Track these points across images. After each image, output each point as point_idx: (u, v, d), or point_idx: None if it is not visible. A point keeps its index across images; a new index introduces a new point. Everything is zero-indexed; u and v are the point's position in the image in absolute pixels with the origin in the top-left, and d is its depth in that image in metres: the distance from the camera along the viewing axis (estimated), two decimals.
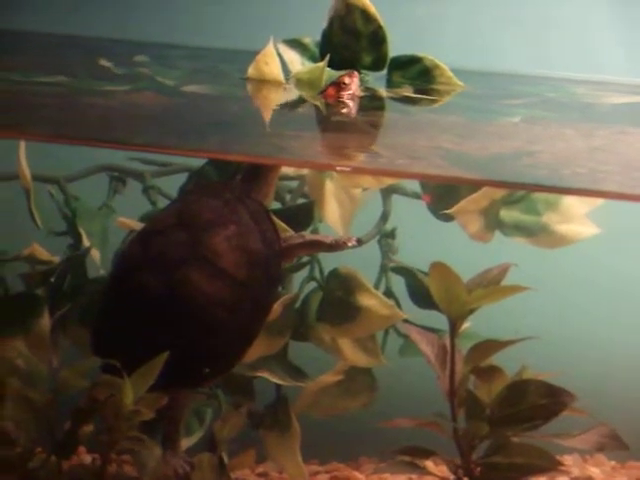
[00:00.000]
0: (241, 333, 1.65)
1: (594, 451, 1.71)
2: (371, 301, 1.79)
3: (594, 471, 1.78)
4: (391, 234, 1.84)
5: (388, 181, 1.80)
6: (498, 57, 1.84)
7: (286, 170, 1.80)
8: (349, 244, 1.72)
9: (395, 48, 1.72)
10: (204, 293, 1.60)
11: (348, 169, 1.74)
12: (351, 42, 1.71)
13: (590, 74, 1.84)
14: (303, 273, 1.83)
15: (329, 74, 1.69)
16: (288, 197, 1.83)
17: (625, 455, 1.78)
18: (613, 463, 1.81)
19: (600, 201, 1.75)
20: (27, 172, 1.79)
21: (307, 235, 1.76)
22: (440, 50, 1.75)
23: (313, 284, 1.82)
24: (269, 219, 1.69)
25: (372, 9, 1.70)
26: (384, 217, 1.84)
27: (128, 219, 1.77)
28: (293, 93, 1.71)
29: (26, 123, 1.65)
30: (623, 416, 1.66)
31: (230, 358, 1.66)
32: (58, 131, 1.62)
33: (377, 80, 1.72)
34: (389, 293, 1.82)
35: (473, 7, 1.92)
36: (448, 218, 1.79)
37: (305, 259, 1.83)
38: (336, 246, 1.72)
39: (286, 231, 1.73)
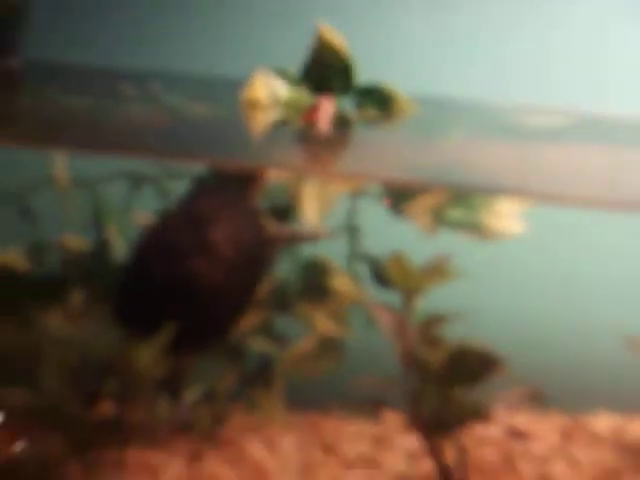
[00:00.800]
0: (234, 307, 1.65)
1: (518, 404, 1.70)
2: (340, 282, 1.78)
3: (519, 420, 1.79)
4: (357, 229, 1.79)
5: (355, 185, 1.76)
6: (447, 84, 1.83)
7: (271, 176, 1.76)
8: (323, 236, 1.73)
9: (362, 76, 1.69)
10: (205, 275, 1.60)
11: (322, 175, 1.72)
12: (326, 72, 1.69)
13: (523, 99, 1.82)
14: (286, 261, 1.80)
15: (308, 98, 1.68)
16: (273, 199, 1.78)
17: (546, 408, 1.79)
18: (533, 414, 1.82)
19: (526, 204, 1.72)
20: (62, 176, 1.76)
21: (289, 228, 1.75)
22: (398, 77, 1.71)
23: (293, 269, 1.79)
24: (258, 215, 1.69)
25: (343, 47, 1.68)
26: (351, 215, 1.79)
27: (144, 215, 1.74)
28: (278, 114, 1.68)
29: (59, 136, 1.62)
30: (543, 377, 1.64)
31: (225, 327, 1.65)
32: (87, 142, 1.59)
33: (346, 104, 1.69)
34: (355, 276, 1.79)
35: (429, 44, 1.90)
36: (403, 216, 1.74)
37: (287, 249, 1.79)
38: (312, 238, 1.73)
39: (272, 226, 1.72)
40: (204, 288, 1.60)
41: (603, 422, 1.81)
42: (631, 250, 1.83)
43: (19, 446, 1.68)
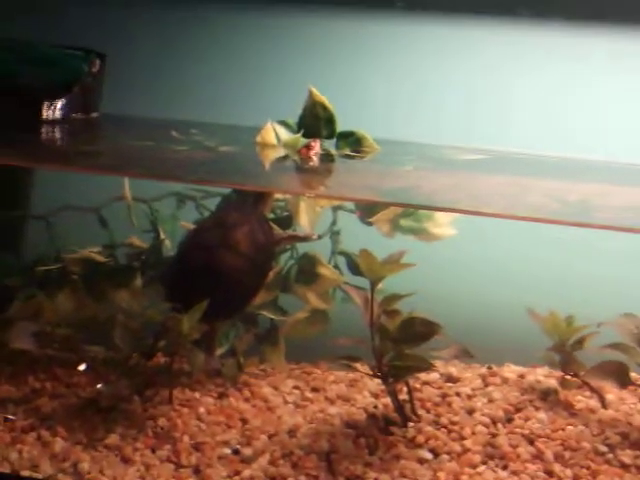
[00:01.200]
0: (250, 288, 1.69)
1: (453, 359, 1.69)
2: (325, 271, 1.82)
3: (453, 370, 1.77)
4: (337, 233, 1.84)
5: (335, 202, 1.81)
6: (401, 131, 1.80)
7: (277, 195, 1.80)
8: (313, 238, 1.77)
9: (341, 124, 1.72)
10: (230, 264, 1.64)
11: (313, 194, 1.76)
12: (315, 122, 1.71)
13: (455, 142, 1.81)
14: (287, 255, 1.83)
15: (303, 141, 1.71)
16: (278, 211, 1.83)
17: (471, 361, 1.75)
18: (463, 365, 1.79)
19: (457, 215, 1.76)
20: (129, 195, 1.81)
21: (289, 232, 1.79)
22: (366, 125, 1.73)
23: (292, 261, 1.83)
24: (268, 223, 1.74)
25: (327, 103, 1.70)
26: (333, 223, 1.84)
27: (187, 223, 1.79)
28: (282, 152, 1.71)
29: (128, 166, 1.68)
30: (469, 339, 1.64)
31: (244, 303, 1.70)
32: (148, 171, 1.66)
33: (330, 145, 1.72)
34: (336, 266, 1.84)
35: (387, 102, 1.90)
36: (370, 224, 1.79)
37: (288, 246, 1.82)
38: (306, 239, 1.77)
39: (277, 230, 1.77)
40: (229, 273, 1.65)
41: (511, 371, 1.78)
42: (531, 248, 1.81)
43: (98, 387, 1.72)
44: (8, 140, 1.65)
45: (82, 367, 1.79)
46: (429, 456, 1.57)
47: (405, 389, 1.65)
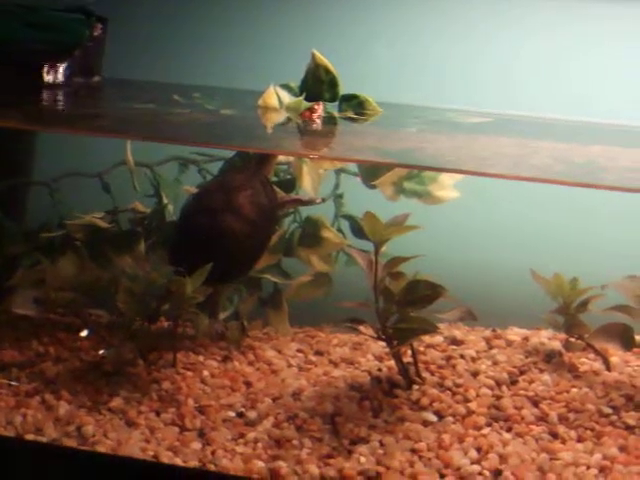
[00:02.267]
0: (254, 252, 1.67)
1: (457, 321, 1.69)
2: (329, 234, 1.81)
3: (457, 332, 1.76)
4: (340, 196, 1.84)
5: (339, 164, 1.81)
6: (404, 94, 1.79)
7: (280, 158, 1.79)
8: (317, 201, 1.77)
9: (344, 88, 1.71)
10: (233, 228, 1.62)
11: (316, 156, 1.75)
12: (318, 85, 1.71)
13: (459, 105, 1.80)
14: (290, 219, 1.83)
15: (305, 104, 1.70)
16: (281, 174, 1.82)
17: (475, 324, 1.74)
18: (467, 328, 1.79)
19: (461, 176, 1.75)
20: (131, 160, 1.80)
21: (292, 195, 1.78)
22: (370, 89, 1.73)
23: (295, 225, 1.82)
24: (271, 186, 1.72)
25: (330, 66, 1.70)
26: (336, 186, 1.84)
27: (190, 187, 1.78)
28: (284, 115, 1.70)
29: (131, 129, 1.68)
30: (473, 301, 1.64)
31: (247, 266, 1.68)
32: (149, 134, 1.65)
33: (333, 108, 1.72)
34: (339, 230, 1.83)
35: (391, 65, 1.87)
36: (373, 187, 1.79)
37: (291, 210, 1.81)
38: (309, 202, 1.77)
39: (281, 193, 1.75)
40: (232, 237, 1.62)
41: (515, 333, 1.77)
42: (535, 208, 1.80)
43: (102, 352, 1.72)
44: (10, 104, 1.65)
45: (84, 333, 1.78)
46: (433, 418, 1.56)
47: (409, 352, 1.65)
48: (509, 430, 1.54)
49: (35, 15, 1.79)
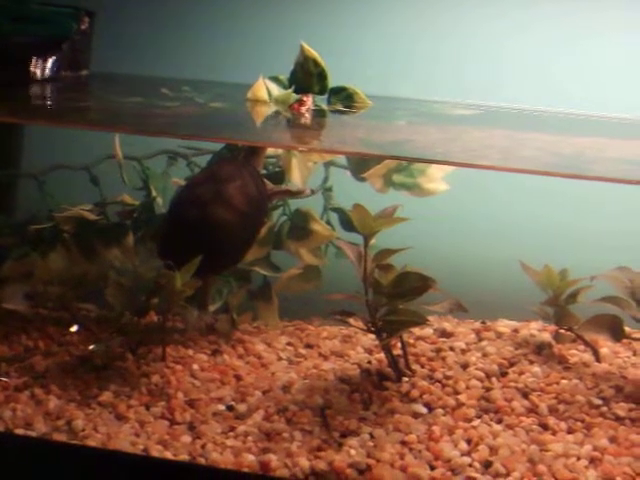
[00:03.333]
0: (243, 243, 1.65)
1: (447, 313, 1.66)
2: (318, 227, 1.80)
3: (446, 325, 1.76)
4: (329, 189, 1.83)
5: (328, 157, 1.80)
6: (393, 86, 1.78)
7: (269, 151, 1.78)
8: (306, 192, 1.76)
9: (333, 80, 1.71)
10: (223, 219, 1.60)
11: (305, 149, 1.74)
12: (307, 78, 1.70)
13: (448, 97, 1.81)
14: (279, 211, 1.82)
15: (294, 96, 1.70)
16: (270, 167, 1.81)
17: (465, 316, 1.74)
18: (456, 320, 1.79)
19: (451, 168, 1.75)
20: (120, 153, 1.78)
21: (282, 187, 1.77)
22: (359, 81, 1.72)
23: (284, 217, 1.82)
24: (260, 178, 1.70)
25: (319, 59, 1.69)
26: (325, 179, 1.83)
27: (178, 179, 1.77)
28: (273, 108, 1.70)
29: (119, 123, 1.67)
30: (463, 293, 1.63)
31: (237, 258, 1.67)
32: (138, 127, 1.64)
33: (322, 100, 1.71)
34: (328, 222, 1.83)
35: (379, 57, 1.87)
36: (362, 180, 1.78)
37: (280, 202, 1.80)
38: (298, 194, 1.75)
39: (270, 185, 1.74)
40: (221, 229, 1.61)
41: (505, 325, 1.77)
42: (523, 200, 1.80)
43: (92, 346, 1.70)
44: None
45: (74, 328, 1.77)
46: (424, 410, 1.56)
47: (399, 344, 1.64)
48: (499, 422, 1.54)
49: (23, 8, 1.78)
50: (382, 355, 1.65)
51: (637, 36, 1.80)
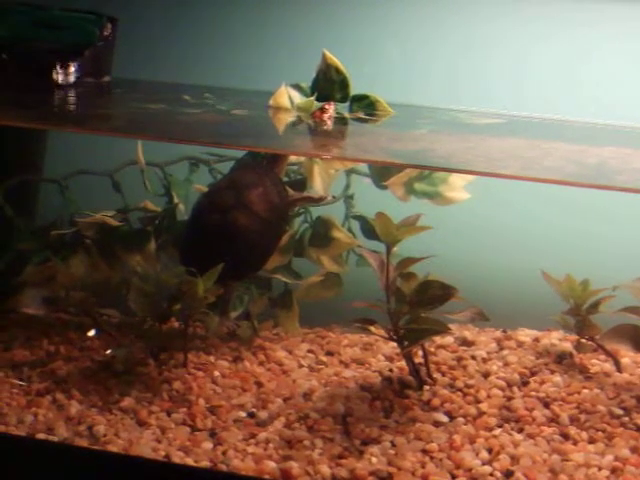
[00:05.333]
0: (264, 250, 1.67)
1: (469, 322, 1.66)
2: (339, 234, 1.80)
3: (467, 333, 1.76)
4: (351, 196, 1.83)
5: (349, 165, 1.81)
6: (415, 95, 1.79)
7: (291, 158, 1.79)
8: (328, 199, 1.77)
9: (355, 88, 1.71)
10: (244, 226, 1.62)
11: (327, 157, 1.76)
12: (329, 85, 1.70)
13: (470, 106, 1.80)
14: (301, 219, 1.82)
15: (316, 104, 1.70)
16: (292, 175, 1.82)
17: (486, 324, 1.73)
18: (477, 329, 1.79)
19: (472, 177, 1.75)
20: (142, 159, 1.79)
21: (304, 194, 1.77)
22: (381, 89, 1.72)
23: (306, 225, 1.82)
24: (282, 185, 1.71)
25: (341, 67, 1.70)
26: (347, 187, 1.84)
27: (200, 186, 1.78)
28: (295, 115, 1.70)
29: (142, 129, 1.68)
30: (484, 302, 1.62)
31: (258, 265, 1.68)
32: (161, 134, 1.65)
33: (343, 108, 1.71)
34: (350, 230, 1.83)
35: (403, 66, 1.87)
36: (384, 188, 1.79)
37: (302, 210, 1.81)
38: (320, 200, 1.76)
39: (291, 191, 1.74)
40: (243, 236, 1.63)
41: (526, 334, 1.77)
42: (546, 210, 1.79)
43: (111, 351, 1.71)
44: (21, 103, 1.65)
45: (92, 332, 1.77)
46: (445, 419, 1.56)
47: (420, 352, 1.64)
48: (520, 431, 1.54)
49: (46, 15, 1.79)
50: (403, 363, 1.64)
51: None
